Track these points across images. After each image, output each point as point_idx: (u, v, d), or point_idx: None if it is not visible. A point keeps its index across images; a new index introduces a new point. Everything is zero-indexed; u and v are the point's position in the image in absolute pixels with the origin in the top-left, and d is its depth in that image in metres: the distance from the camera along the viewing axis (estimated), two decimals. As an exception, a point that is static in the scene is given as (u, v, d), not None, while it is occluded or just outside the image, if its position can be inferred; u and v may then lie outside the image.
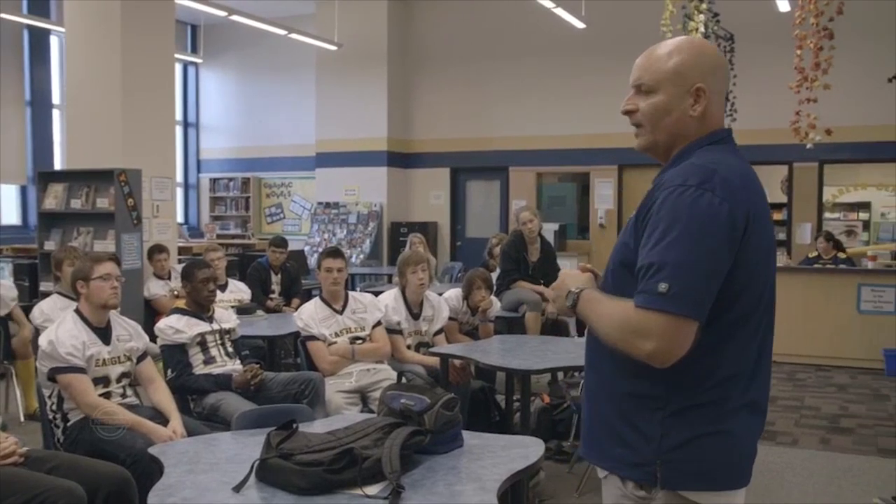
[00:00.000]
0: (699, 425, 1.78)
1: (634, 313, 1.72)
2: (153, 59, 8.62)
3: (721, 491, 1.82)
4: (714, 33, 8.62)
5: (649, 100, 1.89)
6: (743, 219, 1.72)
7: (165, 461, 2.73)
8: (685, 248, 1.68)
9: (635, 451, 1.82)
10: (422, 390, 2.92)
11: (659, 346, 1.69)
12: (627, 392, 1.85)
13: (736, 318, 1.77)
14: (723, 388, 1.79)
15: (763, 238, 1.80)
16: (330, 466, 2.43)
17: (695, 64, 1.86)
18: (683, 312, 1.67)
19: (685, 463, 1.78)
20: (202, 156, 16.21)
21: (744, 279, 1.75)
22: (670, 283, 1.67)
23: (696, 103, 1.86)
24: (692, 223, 1.69)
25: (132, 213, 7.98)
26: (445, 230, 14.07)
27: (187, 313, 4.62)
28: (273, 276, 7.89)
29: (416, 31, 14.05)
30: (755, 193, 1.81)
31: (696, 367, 1.75)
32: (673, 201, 1.72)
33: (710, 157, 1.80)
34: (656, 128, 1.90)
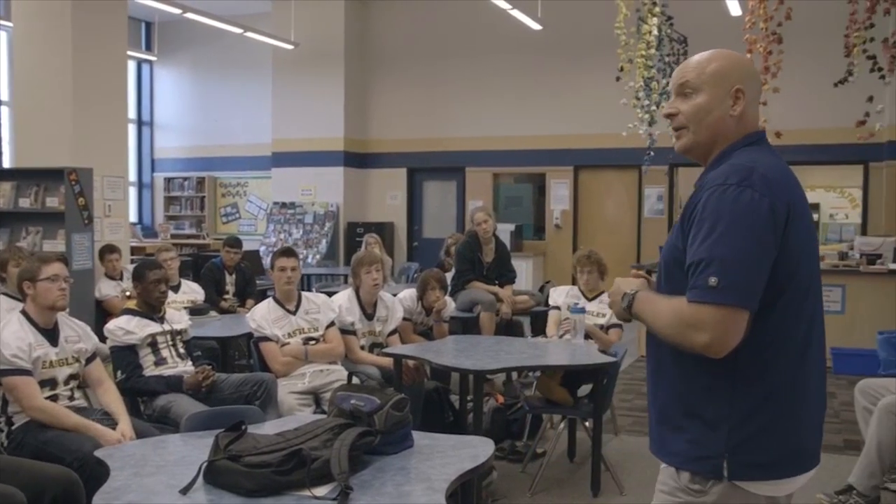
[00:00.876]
0: (763, 415, 1.85)
1: (688, 308, 1.81)
2: (105, 56, 8.50)
3: (782, 479, 1.89)
4: (667, 36, 8.74)
5: (692, 101, 1.99)
6: (784, 211, 1.82)
7: (112, 464, 2.69)
8: (731, 242, 1.78)
9: (701, 444, 1.88)
10: (372, 391, 2.92)
11: (714, 336, 1.78)
12: (690, 386, 1.92)
13: (786, 305, 1.86)
14: (781, 376, 1.87)
15: (803, 229, 1.89)
16: (278, 468, 2.42)
17: (733, 68, 1.99)
18: (734, 302, 1.77)
19: (752, 454, 1.85)
20: (157, 155, 16.01)
21: (790, 268, 1.85)
22: (719, 276, 1.76)
23: (735, 104, 1.96)
24: (735, 218, 1.79)
25: (83, 212, 7.87)
26: (402, 230, 14.07)
27: (138, 314, 4.57)
28: (227, 277, 7.83)
29: (373, 30, 14.03)
30: (794, 188, 1.91)
31: (753, 357, 1.84)
32: (716, 200, 1.82)
33: (748, 157, 1.91)
34: (699, 127, 1.99)
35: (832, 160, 11.37)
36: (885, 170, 11.14)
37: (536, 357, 4.91)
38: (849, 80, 5.82)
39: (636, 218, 12.71)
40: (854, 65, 5.90)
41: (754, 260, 1.79)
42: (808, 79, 10.19)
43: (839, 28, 6.05)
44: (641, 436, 5.92)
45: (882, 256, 8.78)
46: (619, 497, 4.66)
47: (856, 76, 5.88)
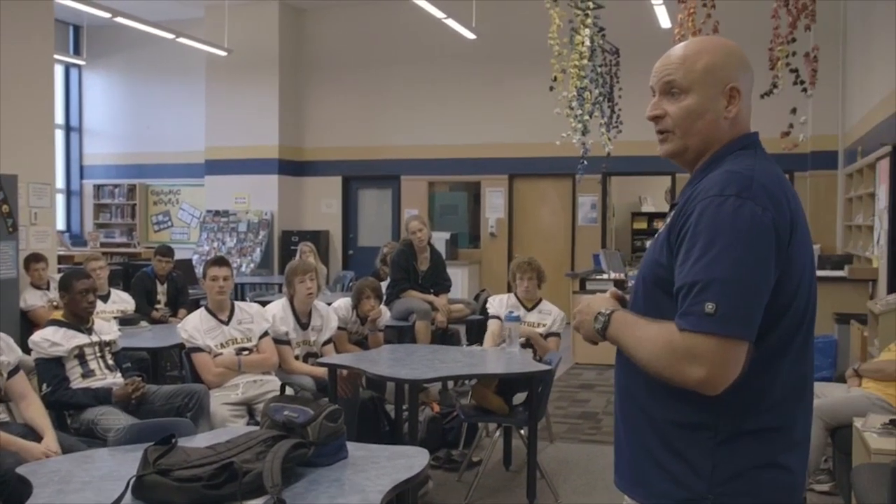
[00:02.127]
0: (753, 455, 1.65)
1: (680, 337, 1.58)
2: (29, 59, 8.29)
3: None
4: (600, 47, 8.87)
5: (681, 102, 1.75)
6: (787, 228, 1.62)
7: (35, 481, 2.62)
8: (730, 262, 1.56)
9: (684, 485, 1.67)
10: (305, 402, 2.90)
11: (711, 372, 1.55)
12: (671, 420, 1.70)
13: (784, 333, 1.66)
14: (775, 413, 1.67)
15: (805, 246, 1.69)
16: (209, 481, 2.39)
17: (726, 62, 1.75)
18: (735, 334, 1.55)
19: (740, 497, 1.65)
20: (85, 161, 15.63)
21: (791, 291, 1.64)
22: (718, 302, 1.54)
23: (730, 104, 1.75)
24: (735, 235, 1.57)
25: (7, 220, 7.65)
26: (337, 239, 13.99)
27: (64, 325, 4.45)
28: (159, 286, 7.70)
29: (307, 38, 13.95)
30: (794, 200, 1.70)
31: (744, 390, 1.62)
32: (712, 213, 1.60)
33: (744, 163, 1.69)
34: (688, 133, 1.76)
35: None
36: (809, 179, 11.48)
37: (472, 366, 4.93)
38: (774, 93, 5.97)
39: (570, 226, 12.85)
40: (778, 77, 6.05)
41: (756, 284, 1.57)
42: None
43: (764, 42, 6.21)
44: (576, 443, 5.98)
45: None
46: (553, 504, 4.70)
47: (780, 89, 6.04)
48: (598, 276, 9.65)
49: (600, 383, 8.18)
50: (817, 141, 11.14)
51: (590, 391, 7.82)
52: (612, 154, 9.57)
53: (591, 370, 8.85)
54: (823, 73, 6.72)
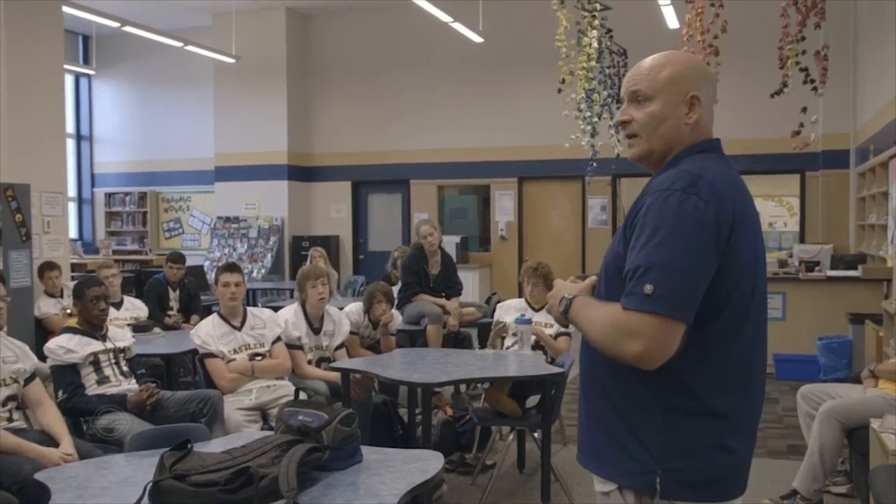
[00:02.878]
0: (699, 436, 1.79)
1: (622, 315, 1.74)
2: (40, 69, 8.34)
3: (717, 502, 1.83)
4: (608, 49, 8.87)
5: (645, 109, 1.91)
6: (728, 222, 1.75)
7: (53, 486, 2.64)
8: (671, 250, 1.71)
9: (636, 459, 1.81)
10: (319, 406, 2.91)
11: (647, 347, 1.70)
12: (626, 399, 1.84)
13: (729, 321, 1.79)
14: (721, 397, 1.80)
15: (750, 242, 1.82)
16: (225, 486, 2.40)
17: (688, 73, 1.91)
18: (669, 313, 1.69)
19: (684, 473, 1.78)
20: (97, 170, 15.71)
21: (732, 281, 1.77)
22: (656, 284, 1.69)
23: (690, 111, 1.90)
24: (678, 226, 1.72)
25: (20, 229, 7.70)
26: (347, 244, 14.01)
27: (79, 332, 4.48)
28: (171, 293, 7.73)
29: (315, 44, 13.98)
30: (741, 198, 1.83)
31: (692, 373, 1.78)
32: (659, 205, 1.75)
33: (697, 164, 1.83)
34: (652, 136, 1.91)
35: (770, 170, 11.63)
36: (821, 179, 11.43)
37: (484, 369, 4.92)
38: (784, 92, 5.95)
39: (580, 228, 12.83)
40: (788, 76, 6.03)
41: (693, 270, 1.71)
42: (746, 90, 10.42)
43: (773, 41, 6.19)
44: (589, 444, 5.96)
45: (820, 264, 8.99)
46: (568, 506, 4.68)
47: (790, 87, 6.02)
48: (609, 278, 9.62)
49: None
50: (828, 140, 11.08)
51: (602, 393, 7.79)
52: (621, 156, 9.56)
53: (604, 372, 8.83)
54: (834, 72, 6.70)
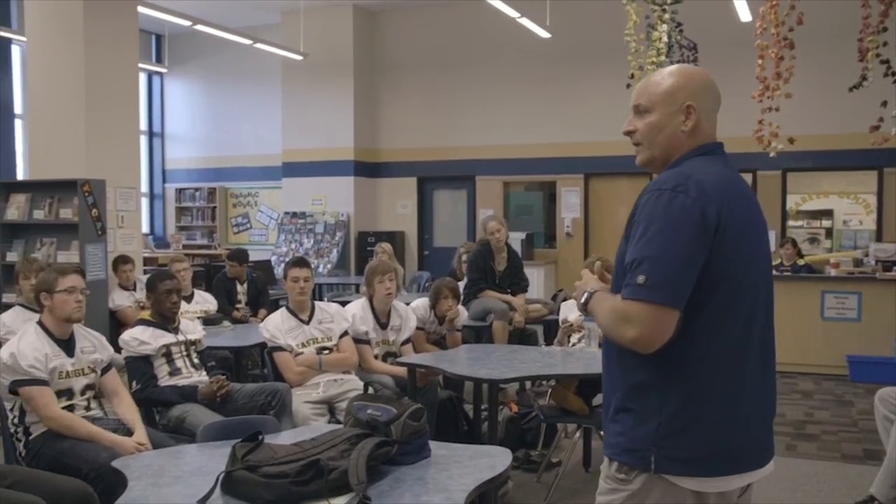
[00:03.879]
0: (690, 413, 1.92)
1: (621, 304, 1.91)
2: (116, 68, 8.53)
3: (704, 477, 1.94)
4: (677, 43, 8.72)
5: (645, 119, 2.09)
6: (714, 216, 1.89)
7: (129, 474, 2.69)
8: (660, 243, 1.87)
9: (632, 437, 1.95)
10: (388, 401, 2.91)
11: (641, 332, 1.87)
12: (630, 383, 1.99)
13: (718, 308, 1.92)
14: (710, 377, 1.93)
15: (738, 237, 1.94)
16: (296, 478, 2.42)
17: (684, 85, 2.07)
18: (660, 300, 1.85)
19: (677, 450, 1.91)
20: (168, 166, 16.06)
21: (720, 271, 1.90)
22: (648, 274, 1.86)
23: (686, 119, 2.05)
24: (667, 221, 1.88)
25: (96, 223, 7.88)
26: (413, 239, 14.06)
27: (152, 324, 4.57)
28: (239, 287, 7.84)
29: (381, 40, 14.05)
30: (734, 195, 1.98)
31: (683, 356, 1.92)
32: (651, 204, 1.92)
33: (692, 166, 2.00)
34: (652, 144, 2.09)
35: (846, 166, 11.32)
36: (899, 175, 11.09)
37: (550, 366, 4.88)
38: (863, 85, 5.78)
39: (647, 225, 12.64)
40: (868, 69, 5.86)
41: (681, 260, 1.86)
42: (821, 84, 10.16)
43: (852, 32, 6.01)
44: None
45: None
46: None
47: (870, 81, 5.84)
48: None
49: (680, 384, 8.04)
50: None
51: (670, 392, 7.69)
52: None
53: (671, 371, 8.71)
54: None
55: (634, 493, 1.96)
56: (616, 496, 1.99)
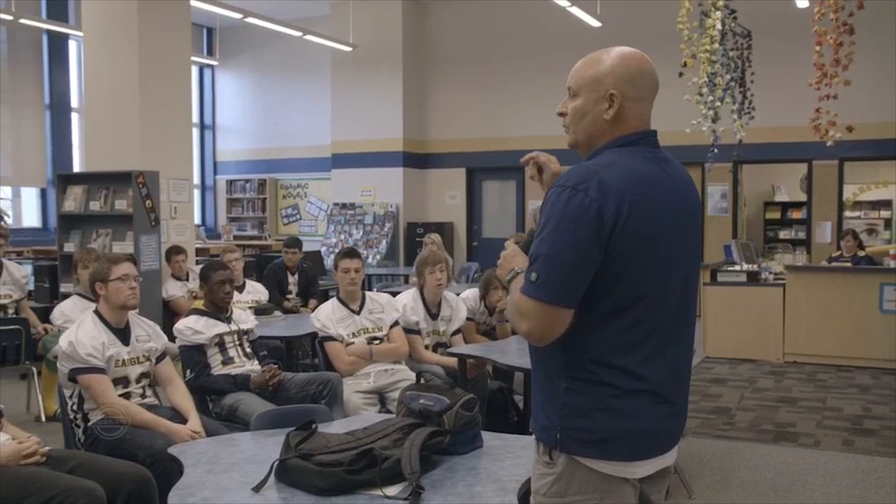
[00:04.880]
0: (592, 400, 1.94)
1: (518, 297, 1.94)
2: (170, 61, 8.64)
3: (611, 461, 1.96)
4: (731, 30, 8.58)
5: (573, 103, 2.07)
6: (612, 216, 1.86)
7: (185, 461, 2.73)
8: (553, 242, 1.88)
9: (546, 416, 2.00)
10: (441, 390, 2.91)
11: (532, 326, 1.91)
12: (544, 368, 2.05)
13: (616, 303, 1.93)
14: (613, 370, 1.94)
15: (646, 236, 1.92)
16: (350, 467, 2.42)
17: (611, 72, 2.03)
18: (548, 299, 1.87)
19: (579, 431, 1.95)
20: (218, 157, 16.26)
21: (617, 271, 1.90)
22: (539, 273, 1.88)
23: (609, 107, 2.01)
24: (562, 220, 1.88)
25: (150, 214, 8.01)
26: (461, 230, 14.05)
27: (206, 314, 4.62)
28: (290, 277, 7.91)
29: (430, 31, 14.05)
30: (645, 192, 1.94)
31: (585, 348, 1.94)
32: (553, 201, 1.92)
33: (606, 159, 1.98)
34: (577, 129, 2.07)
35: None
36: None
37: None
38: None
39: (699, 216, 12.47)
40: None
41: (573, 261, 1.86)
42: (880, 70, 9.92)
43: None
44: (709, 438, 5.82)
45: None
46: (687, 500, 4.57)
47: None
48: (729, 268, 9.35)
49: (732, 378, 7.93)
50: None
51: (722, 385, 7.59)
52: (743, 141, 9.24)
53: (723, 364, 8.60)
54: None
55: (559, 475, 1.99)
56: (544, 481, 2.02)
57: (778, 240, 14.05)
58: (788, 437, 5.84)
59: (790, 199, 14.43)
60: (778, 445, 5.65)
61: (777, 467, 5.16)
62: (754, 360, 8.73)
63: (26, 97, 12.62)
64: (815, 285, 8.58)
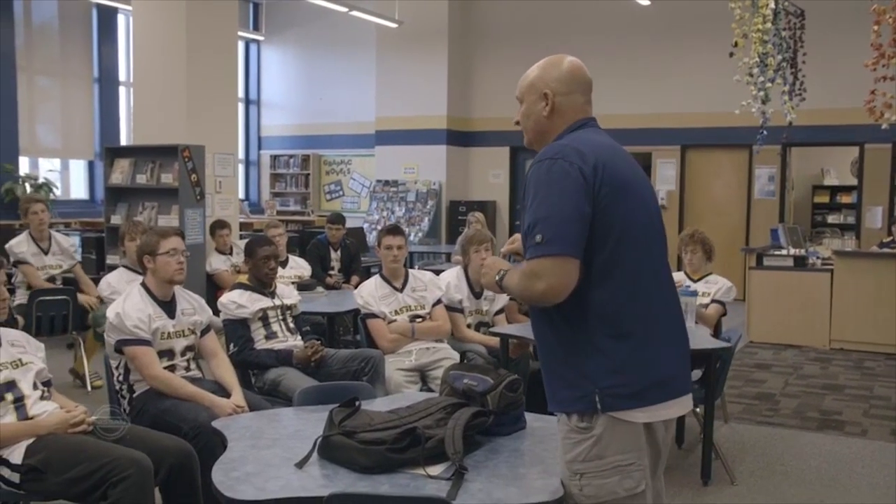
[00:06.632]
0: (619, 356, 2.12)
1: (527, 265, 2.12)
2: (217, 36, 8.67)
3: (650, 406, 2.14)
4: (784, 9, 8.38)
5: (521, 109, 2.38)
6: (591, 174, 2.11)
7: (229, 435, 2.75)
8: (548, 204, 2.10)
9: (577, 387, 2.14)
10: (485, 371, 2.89)
11: (549, 283, 2.07)
12: (562, 342, 2.19)
13: (613, 257, 2.13)
14: (628, 324, 2.13)
15: (621, 190, 2.15)
16: (393, 445, 2.42)
17: (542, 76, 2.34)
18: (559, 251, 2.07)
19: (616, 387, 2.11)
20: (263, 133, 16.34)
21: (606, 222, 2.12)
22: (543, 233, 2.08)
23: (546, 105, 2.31)
24: (551, 185, 2.11)
25: (195, 188, 8.07)
26: (504, 209, 13.99)
27: (249, 289, 4.65)
28: (332, 253, 7.93)
29: (476, 8, 13.93)
30: (610, 156, 2.19)
31: (596, 307, 2.12)
32: (535, 173, 2.16)
33: (570, 138, 2.25)
34: (526, 129, 2.37)
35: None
36: None
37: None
38: None
39: (745, 199, 12.30)
40: None
41: (569, 215, 2.07)
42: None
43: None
44: (752, 424, 5.74)
45: None
46: (730, 487, 4.51)
47: None
48: (776, 252, 9.20)
49: (777, 363, 7.82)
50: None
51: (766, 371, 7.48)
52: (793, 123, 9.05)
53: (768, 349, 8.48)
54: None
55: (598, 437, 2.12)
56: (581, 447, 2.13)
57: (826, 224, 13.79)
58: (834, 426, 5.74)
59: (840, 183, 14.14)
60: (823, 433, 5.56)
61: (822, 456, 5.08)
62: (799, 346, 8.60)
63: (75, 70, 12.76)
64: (863, 271, 8.41)
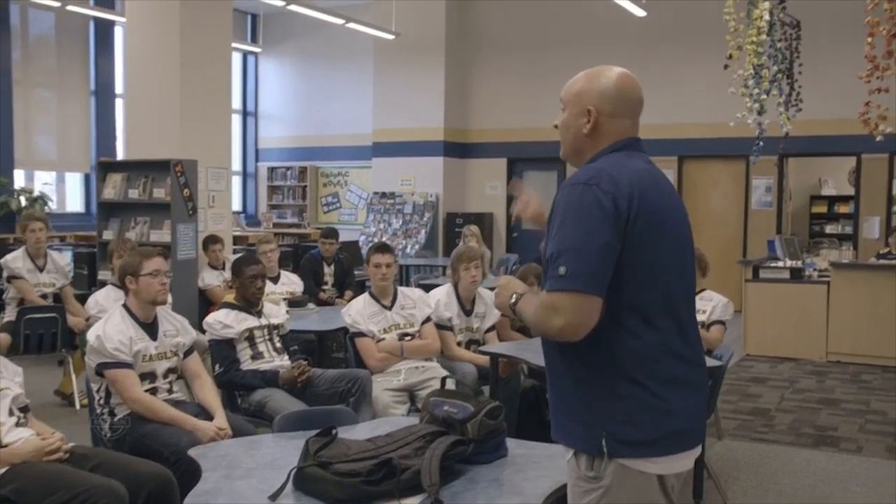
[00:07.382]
0: (636, 401, 1.98)
1: (546, 297, 1.97)
2: (211, 49, 8.64)
3: (663, 457, 2.00)
4: (780, 20, 8.35)
5: (562, 117, 2.20)
6: (626, 206, 1.96)
7: (204, 465, 2.70)
8: (575, 234, 1.95)
9: (586, 425, 2.02)
10: (465, 397, 2.85)
11: (568, 319, 1.93)
12: (576, 377, 2.05)
13: (640, 293, 1.99)
14: (652, 365, 1.99)
15: (656, 224, 2.01)
16: (368, 478, 2.38)
17: (590, 89, 2.14)
18: (581, 288, 1.92)
19: (626, 434, 1.97)
20: (260, 144, 16.33)
21: (636, 257, 1.97)
22: (567, 265, 1.93)
23: (587, 122, 2.13)
24: (581, 214, 1.96)
25: (188, 203, 8.03)
26: (501, 221, 13.95)
27: (236, 308, 4.60)
28: (326, 268, 7.89)
29: (473, 20, 13.92)
30: (648, 185, 2.04)
31: (621, 347, 1.98)
32: (566, 198, 2.01)
33: (607, 161, 2.08)
34: (564, 140, 2.21)
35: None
36: None
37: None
38: None
39: (743, 210, 12.27)
40: None
41: (597, 250, 1.93)
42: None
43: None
44: (746, 441, 5.69)
45: None
46: (723, 506, 4.46)
47: None
48: (772, 264, 9.15)
49: (773, 377, 7.76)
50: None
51: (762, 385, 7.43)
52: (790, 134, 9.01)
53: (764, 362, 8.43)
54: None
55: (607, 488, 1.99)
56: (590, 497, 2.03)
57: (824, 234, 13.74)
58: (829, 442, 5.69)
59: (838, 193, 14.10)
60: (818, 450, 5.50)
61: (817, 473, 5.02)
62: (796, 358, 8.55)
63: (72, 83, 12.76)
64: (861, 283, 8.36)
